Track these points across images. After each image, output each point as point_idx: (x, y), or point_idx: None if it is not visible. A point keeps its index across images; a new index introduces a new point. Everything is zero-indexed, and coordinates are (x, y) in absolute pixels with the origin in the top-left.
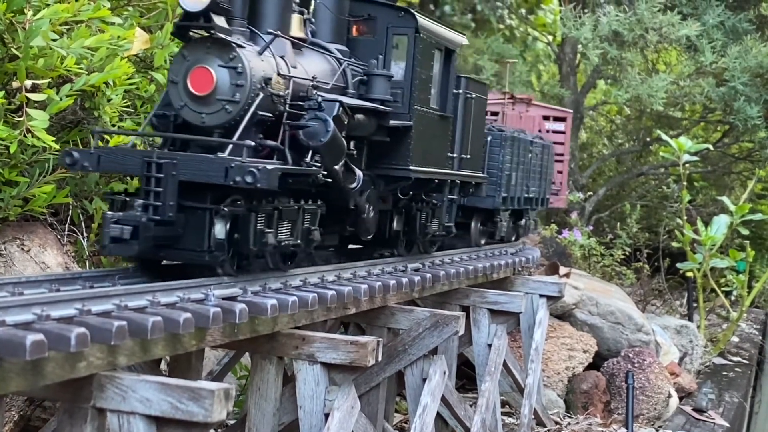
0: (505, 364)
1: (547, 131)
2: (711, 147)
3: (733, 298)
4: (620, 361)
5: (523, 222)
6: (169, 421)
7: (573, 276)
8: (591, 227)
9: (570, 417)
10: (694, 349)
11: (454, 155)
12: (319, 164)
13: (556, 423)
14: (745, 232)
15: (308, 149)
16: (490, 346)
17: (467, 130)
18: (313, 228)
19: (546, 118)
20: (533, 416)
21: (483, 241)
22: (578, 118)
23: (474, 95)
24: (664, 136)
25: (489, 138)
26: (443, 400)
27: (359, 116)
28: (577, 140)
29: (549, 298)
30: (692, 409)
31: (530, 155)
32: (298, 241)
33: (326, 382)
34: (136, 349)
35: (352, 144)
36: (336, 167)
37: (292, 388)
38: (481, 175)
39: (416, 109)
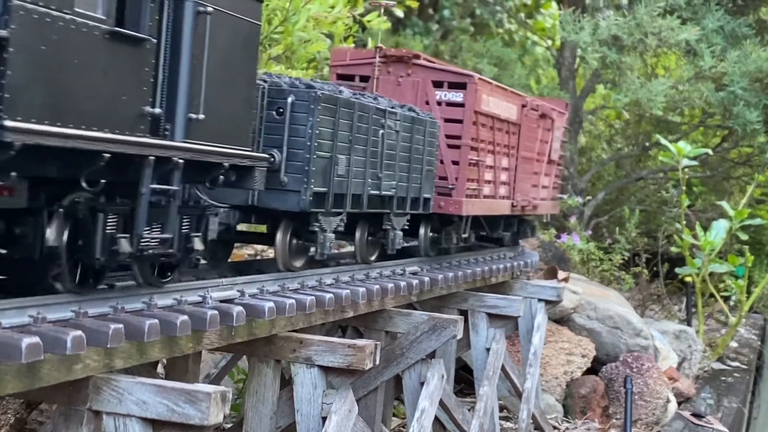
0: (503, 369)
1: (439, 103)
2: (710, 151)
3: (731, 303)
4: (619, 366)
5: (393, 234)
6: (165, 423)
7: (571, 280)
8: (590, 232)
9: (568, 422)
10: (692, 354)
11: (156, 111)
12: None
13: (555, 428)
14: (744, 237)
15: None
16: (488, 350)
17: (203, 72)
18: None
19: (437, 84)
20: (531, 421)
21: (300, 263)
22: (577, 123)
23: (221, 11)
24: (663, 141)
25: (273, 94)
26: (441, 404)
27: None
28: (576, 144)
29: (547, 302)
30: (691, 414)
31: (387, 132)
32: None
33: (324, 386)
34: (132, 352)
35: None
36: None
37: (289, 392)
38: (247, 151)
39: (22, 7)
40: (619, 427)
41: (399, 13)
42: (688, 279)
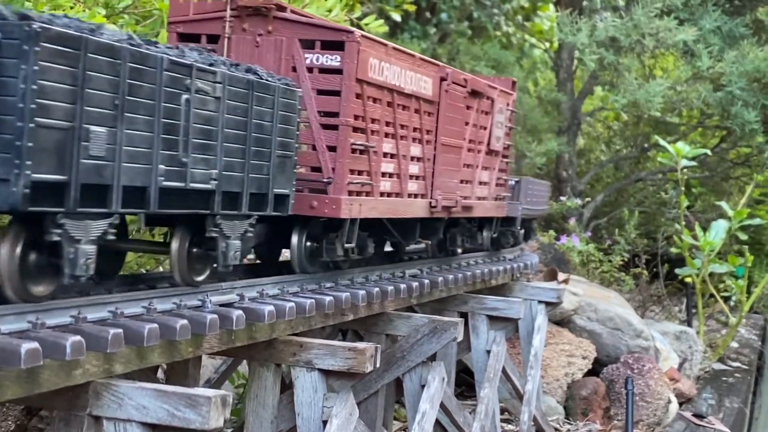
0: (504, 371)
1: (310, 69)
2: (709, 152)
3: (732, 303)
4: (619, 367)
5: (225, 245)
6: (165, 428)
7: (572, 282)
8: (589, 233)
9: (569, 423)
10: (693, 354)
11: None
12: None
13: (556, 429)
14: (743, 237)
15: None
16: (488, 352)
17: None
18: None
19: (307, 44)
20: (533, 423)
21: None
22: (576, 124)
23: None
24: (661, 142)
25: None
26: (442, 406)
27: None
28: (574, 146)
29: (548, 304)
30: (692, 415)
31: (197, 99)
32: None
33: (324, 389)
34: (132, 357)
35: None
36: None
37: (290, 396)
38: None
39: None
40: (621, 428)
41: (396, 16)
42: (688, 280)
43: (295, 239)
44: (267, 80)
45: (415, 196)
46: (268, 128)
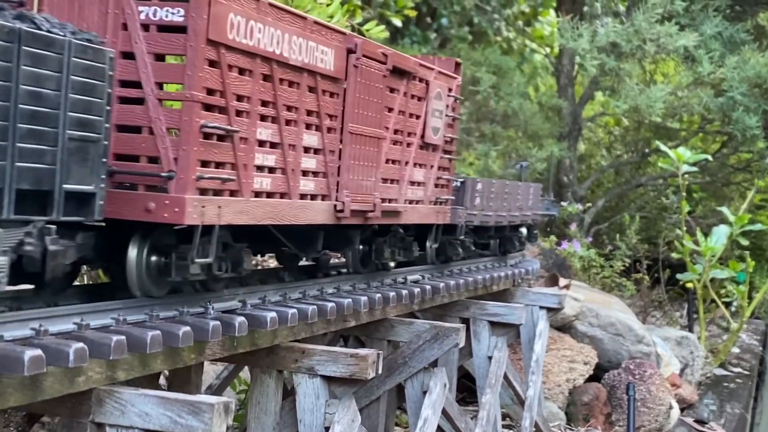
0: (505, 377)
1: (146, 27)
2: (710, 157)
3: (733, 308)
4: (621, 373)
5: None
6: None
7: (573, 287)
8: (590, 239)
9: (571, 429)
10: (694, 360)
11: None
12: None
13: None
14: (744, 242)
15: None
16: (490, 358)
17: None
18: None
19: None
20: (534, 429)
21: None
22: (577, 130)
23: None
24: (662, 147)
25: None
26: (444, 412)
27: None
28: (575, 151)
29: (549, 309)
30: (694, 421)
31: None
32: None
33: (326, 396)
34: (135, 364)
35: None
36: None
37: (291, 402)
38: None
39: None
40: None
41: (397, 22)
42: (690, 285)
43: (132, 253)
44: (49, 32)
45: (313, 197)
46: (53, 100)
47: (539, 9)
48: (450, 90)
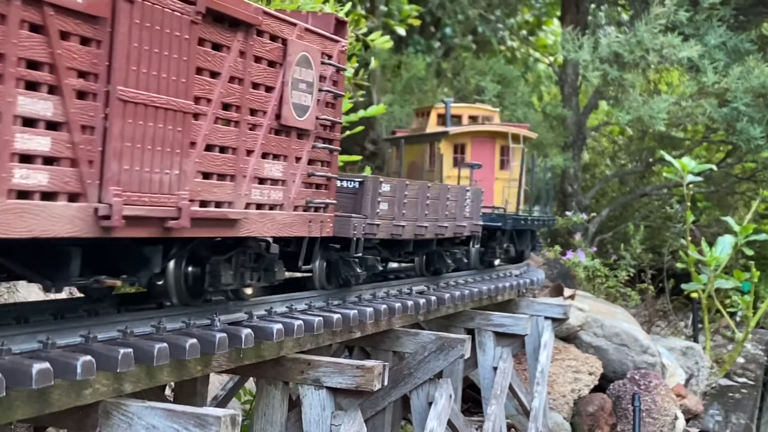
0: (510, 387)
1: None
2: (714, 167)
3: (738, 318)
4: (626, 383)
5: None
6: None
7: (577, 297)
8: (595, 248)
9: None
10: (699, 370)
11: None
12: None
13: None
14: (749, 252)
15: None
16: (495, 368)
17: None
18: None
19: None
20: None
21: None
22: (581, 139)
23: None
24: (667, 157)
25: None
26: (449, 423)
27: None
28: (579, 161)
29: (554, 320)
30: (699, 431)
31: None
32: None
33: (332, 407)
34: (141, 376)
35: None
36: None
37: (297, 413)
38: None
39: None
40: None
41: (401, 31)
42: (694, 295)
43: None
44: None
45: (44, 195)
46: None
47: (543, 18)
48: (328, 56)
